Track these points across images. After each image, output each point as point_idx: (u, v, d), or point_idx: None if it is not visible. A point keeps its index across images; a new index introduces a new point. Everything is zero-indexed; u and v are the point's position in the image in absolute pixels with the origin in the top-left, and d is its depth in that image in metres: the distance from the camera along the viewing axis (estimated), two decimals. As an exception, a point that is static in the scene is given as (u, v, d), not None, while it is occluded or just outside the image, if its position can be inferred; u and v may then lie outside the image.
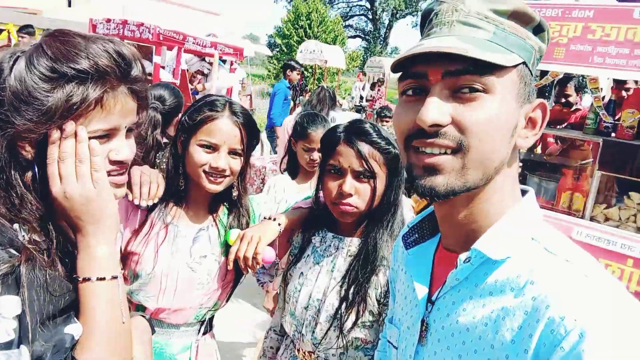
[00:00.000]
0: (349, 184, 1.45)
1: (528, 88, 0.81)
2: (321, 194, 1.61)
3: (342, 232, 1.60)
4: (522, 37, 0.81)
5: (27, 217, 0.92)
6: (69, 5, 22.66)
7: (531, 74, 0.82)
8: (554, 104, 4.78)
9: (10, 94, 0.89)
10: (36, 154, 0.93)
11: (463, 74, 0.76)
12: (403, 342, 0.97)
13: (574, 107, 4.84)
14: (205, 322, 1.71)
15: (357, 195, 1.47)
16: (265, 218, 1.64)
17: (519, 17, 0.81)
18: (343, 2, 45.09)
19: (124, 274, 1.61)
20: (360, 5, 48.34)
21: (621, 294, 0.71)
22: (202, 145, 1.55)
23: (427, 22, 0.87)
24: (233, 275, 1.69)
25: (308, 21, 30.39)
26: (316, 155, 2.83)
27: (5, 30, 9.64)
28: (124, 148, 1.00)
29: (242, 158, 1.60)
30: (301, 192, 2.77)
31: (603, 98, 4.14)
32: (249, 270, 1.58)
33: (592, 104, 4.07)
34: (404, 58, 0.79)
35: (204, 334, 1.72)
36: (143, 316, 1.24)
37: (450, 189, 0.79)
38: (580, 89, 5.17)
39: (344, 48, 30.61)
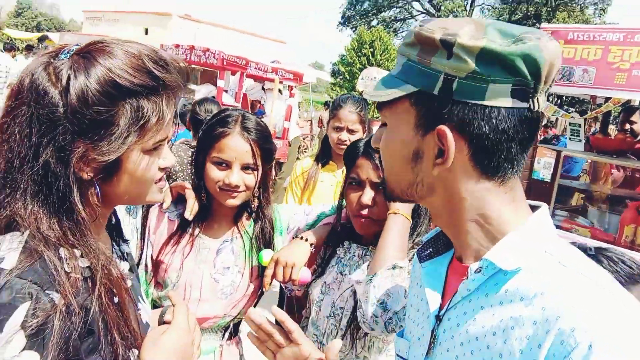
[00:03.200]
0: (367, 195, 1.49)
1: (432, 115, 0.80)
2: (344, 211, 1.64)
3: (367, 243, 1.62)
4: (425, 63, 0.80)
5: (78, 240, 0.89)
6: (146, 33, 24.21)
7: (442, 98, 0.78)
8: (617, 132, 4.56)
9: (73, 114, 0.83)
10: (99, 173, 0.90)
11: (379, 110, 0.91)
12: (412, 354, 0.97)
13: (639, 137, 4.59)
14: (230, 328, 1.74)
15: (377, 206, 1.49)
16: (296, 237, 1.67)
17: (423, 44, 0.81)
18: (407, 30, 45.26)
19: (156, 280, 1.69)
20: (425, 34, 48.18)
21: (634, 307, 0.70)
22: (215, 162, 1.58)
23: None
24: (258, 285, 1.72)
25: (371, 49, 30.74)
26: (345, 136, 2.76)
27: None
28: (170, 155, 1.02)
29: (257, 172, 1.61)
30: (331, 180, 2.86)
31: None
32: None
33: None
34: None
35: (229, 339, 1.75)
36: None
37: (387, 195, 0.96)
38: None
39: (406, 76, 30.54)
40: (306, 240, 1.62)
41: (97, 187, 0.91)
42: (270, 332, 1.20)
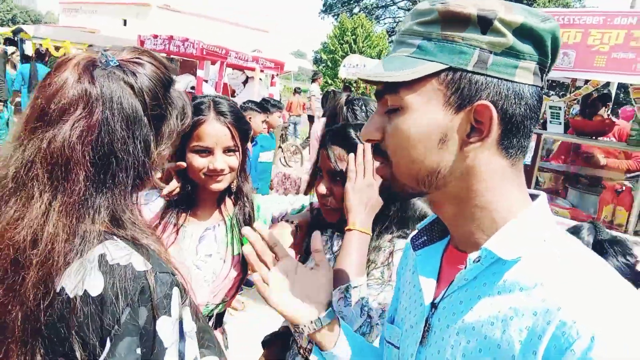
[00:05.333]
0: (322, 185, 1.49)
1: (466, 92, 0.77)
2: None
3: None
4: (455, 40, 0.77)
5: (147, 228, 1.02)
6: (125, 24, 23.85)
7: (476, 73, 0.77)
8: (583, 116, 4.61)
9: (149, 113, 0.97)
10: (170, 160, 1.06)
11: (383, 95, 0.83)
12: (405, 342, 0.96)
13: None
14: (213, 318, 1.74)
15: (333, 196, 1.48)
16: (284, 221, 1.66)
17: (450, 21, 0.78)
18: (390, 17, 45.16)
19: None
20: (407, 21, 48.21)
21: (636, 299, 0.69)
22: (196, 151, 1.60)
23: None
24: (239, 272, 1.72)
25: (353, 36, 30.65)
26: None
27: (62, 47, 10.23)
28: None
29: (238, 153, 1.65)
30: None
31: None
32: None
33: (635, 115, 3.90)
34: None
35: (214, 329, 1.74)
36: None
37: (393, 193, 0.88)
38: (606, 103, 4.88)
39: (389, 63, 30.58)
40: (291, 222, 1.62)
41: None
42: (265, 246, 1.08)
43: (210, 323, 1.74)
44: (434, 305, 0.88)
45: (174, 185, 1.67)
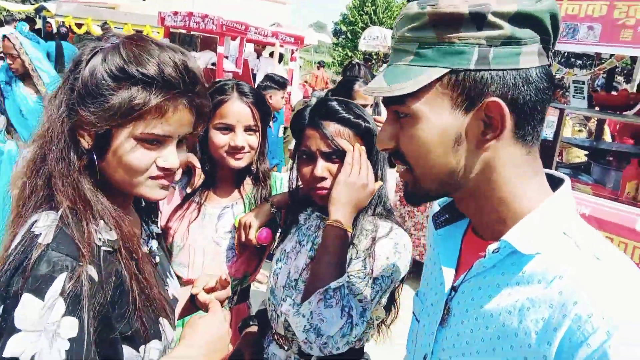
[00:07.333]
0: (320, 167, 1.40)
1: (473, 91, 0.77)
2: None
3: (327, 212, 1.45)
4: (451, 41, 0.77)
5: (101, 209, 0.99)
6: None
7: (480, 70, 0.76)
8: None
9: (81, 85, 0.96)
10: (93, 145, 0.99)
11: (390, 104, 0.85)
12: (425, 319, 0.99)
13: None
14: (237, 293, 1.82)
15: (332, 178, 1.41)
16: (264, 201, 1.74)
17: (443, 22, 0.77)
18: (403, 16, 43.97)
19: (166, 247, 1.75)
20: (429, -11, 46.98)
21: None
22: (219, 128, 1.68)
23: None
24: (259, 248, 1.79)
25: (373, 7, 30.09)
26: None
27: (84, 24, 10.32)
28: (172, 156, 1.03)
29: (258, 133, 1.73)
30: None
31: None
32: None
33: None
34: None
35: (237, 303, 1.84)
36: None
37: (417, 197, 0.89)
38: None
39: (410, 34, 29.96)
40: (269, 202, 1.70)
41: (95, 157, 1.00)
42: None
43: (235, 297, 1.82)
44: (453, 289, 0.91)
45: (197, 179, 1.74)
